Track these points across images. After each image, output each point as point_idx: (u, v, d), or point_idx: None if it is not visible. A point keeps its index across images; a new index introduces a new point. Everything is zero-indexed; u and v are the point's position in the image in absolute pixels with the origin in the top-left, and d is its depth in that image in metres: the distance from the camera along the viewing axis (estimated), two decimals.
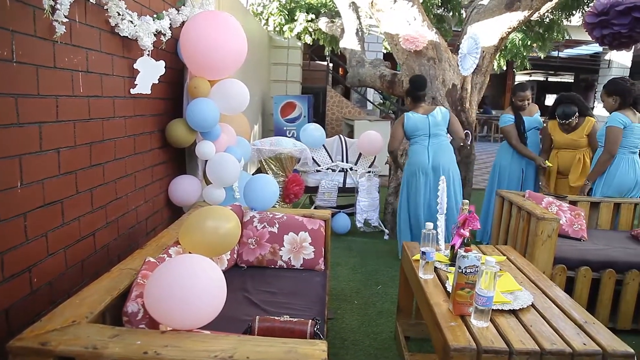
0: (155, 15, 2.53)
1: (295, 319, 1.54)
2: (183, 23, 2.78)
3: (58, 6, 1.70)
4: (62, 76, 1.84)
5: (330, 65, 10.34)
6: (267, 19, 7.24)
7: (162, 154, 2.89)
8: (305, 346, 1.29)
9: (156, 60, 2.46)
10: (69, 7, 1.74)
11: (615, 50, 3.35)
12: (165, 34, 2.61)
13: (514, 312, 1.83)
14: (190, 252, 1.89)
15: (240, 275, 2.43)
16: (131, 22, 2.23)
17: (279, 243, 2.52)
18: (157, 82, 2.49)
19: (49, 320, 1.39)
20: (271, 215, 2.61)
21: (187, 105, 2.84)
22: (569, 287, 2.85)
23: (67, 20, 1.78)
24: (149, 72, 2.43)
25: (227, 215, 1.93)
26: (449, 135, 3.85)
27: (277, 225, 2.56)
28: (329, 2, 6.97)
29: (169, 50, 2.84)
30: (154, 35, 2.48)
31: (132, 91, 2.37)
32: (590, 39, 3.30)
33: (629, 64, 15.03)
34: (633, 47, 3.14)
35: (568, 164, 3.99)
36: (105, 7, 2.06)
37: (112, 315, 1.55)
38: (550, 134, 4.10)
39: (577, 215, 3.23)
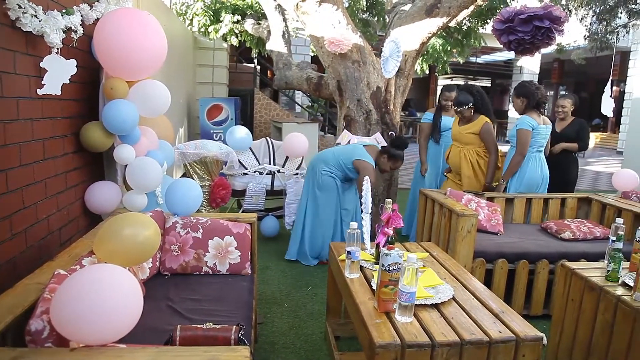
0: (64, 10, 2.37)
1: (219, 326, 1.49)
2: (97, 20, 2.63)
3: None
4: None
5: (258, 67, 10.27)
6: (191, 20, 7.06)
7: (77, 159, 2.72)
8: (228, 353, 1.26)
9: (67, 59, 2.30)
10: None
11: (521, 56, 3.60)
12: (76, 31, 2.45)
13: (436, 306, 1.89)
14: (106, 262, 1.78)
15: (163, 283, 2.33)
16: (35, 16, 2.07)
17: (204, 248, 2.45)
18: (68, 82, 2.33)
19: None
20: (195, 220, 2.53)
21: (103, 107, 2.69)
22: (488, 279, 3.01)
23: None
24: (59, 71, 2.27)
25: (145, 221, 1.84)
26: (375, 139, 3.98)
27: (201, 231, 2.48)
28: (255, 3, 6.91)
29: (82, 49, 2.67)
30: (64, 31, 2.32)
31: (40, 91, 2.20)
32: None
33: (538, 70, 16.28)
34: (537, 53, 3.38)
35: (455, 158, 4.05)
36: None
37: (15, 336, 1.42)
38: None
39: (494, 211, 3.41)
